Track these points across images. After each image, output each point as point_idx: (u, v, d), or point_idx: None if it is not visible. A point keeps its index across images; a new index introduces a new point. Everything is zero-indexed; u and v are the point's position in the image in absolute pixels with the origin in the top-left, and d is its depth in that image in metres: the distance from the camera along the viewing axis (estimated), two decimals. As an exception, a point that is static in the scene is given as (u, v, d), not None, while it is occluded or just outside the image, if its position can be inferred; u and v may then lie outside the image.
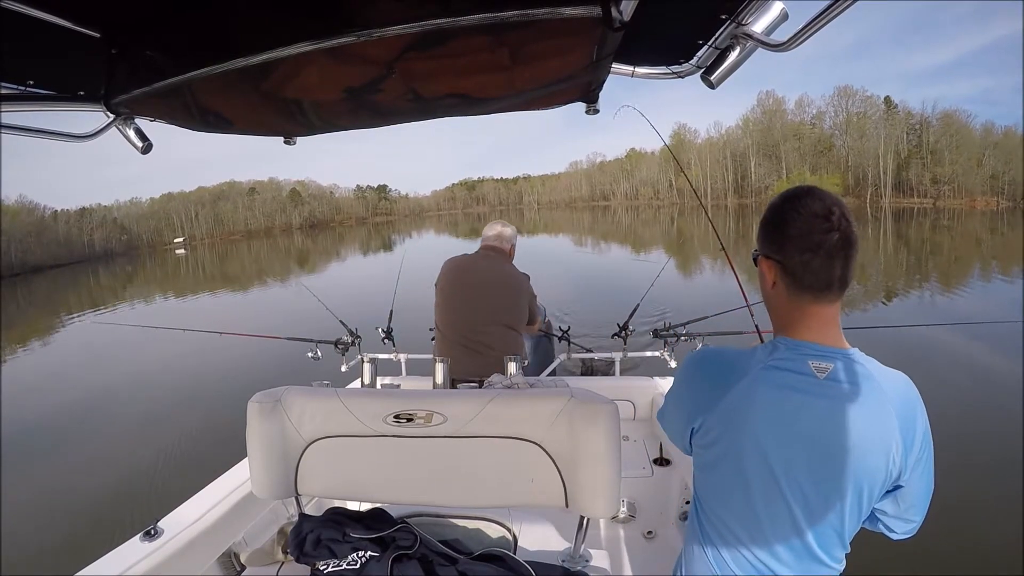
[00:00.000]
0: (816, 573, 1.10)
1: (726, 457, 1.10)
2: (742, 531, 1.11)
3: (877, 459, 1.03)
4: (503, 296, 2.83)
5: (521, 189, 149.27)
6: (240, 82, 1.04)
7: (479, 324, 2.77)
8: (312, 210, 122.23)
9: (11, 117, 1.11)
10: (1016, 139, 57.47)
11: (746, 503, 1.10)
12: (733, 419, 1.08)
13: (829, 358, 1.04)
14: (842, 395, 1.02)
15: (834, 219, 1.02)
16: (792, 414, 1.03)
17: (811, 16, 0.85)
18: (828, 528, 1.08)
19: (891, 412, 1.02)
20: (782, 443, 1.04)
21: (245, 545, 1.98)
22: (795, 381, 1.04)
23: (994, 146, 58.69)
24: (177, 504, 1.94)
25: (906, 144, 66.20)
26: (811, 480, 1.05)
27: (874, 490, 1.06)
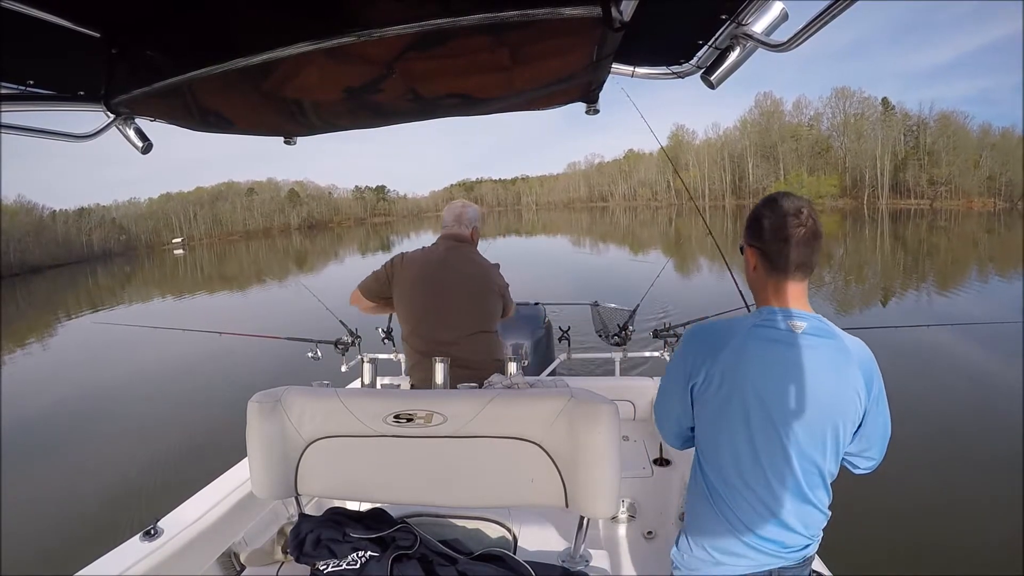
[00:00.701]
0: (806, 512, 1.30)
1: (730, 400, 1.28)
2: (744, 474, 1.29)
3: (848, 401, 1.26)
4: (473, 299, 2.52)
5: (519, 190, 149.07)
6: (240, 82, 1.04)
7: (451, 337, 2.46)
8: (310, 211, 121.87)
9: (11, 117, 1.11)
10: (1013, 140, 57.65)
11: (748, 443, 1.28)
12: (731, 370, 1.28)
13: (802, 319, 1.28)
14: (816, 345, 1.26)
15: (803, 216, 1.27)
16: (780, 362, 1.25)
17: (811, 16, 0.85)
18: (813, 466, 1.28)
19: (855, 362, 1.27)
20: (775, 387, 1.25)
21: (245, 545, 1.98)
22: (778, 335, 1.27)
23: (991, 147, 58.79)
24: (177, 504, 1.94)
25: (903, 145, 66.30)
26: (798, 415, 1.25)
27: (847, 429, 1.28)
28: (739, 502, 1.31)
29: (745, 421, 1.27)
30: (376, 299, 2.62)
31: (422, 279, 2.50)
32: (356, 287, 2.63)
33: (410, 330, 2.54)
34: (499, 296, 2.61)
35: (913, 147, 65.28)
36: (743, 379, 1.26)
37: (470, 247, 2.64)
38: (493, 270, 2.63)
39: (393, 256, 2.60)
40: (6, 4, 0.80)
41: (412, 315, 2.53)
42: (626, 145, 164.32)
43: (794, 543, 1.32)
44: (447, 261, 2.52)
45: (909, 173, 63.70)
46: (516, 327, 4.35)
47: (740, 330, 1.30)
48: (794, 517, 1.30)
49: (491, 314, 2.59)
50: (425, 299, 2.49)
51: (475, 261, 2.59)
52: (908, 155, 64.99)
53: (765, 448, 1.27)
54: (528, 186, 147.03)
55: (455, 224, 2.64)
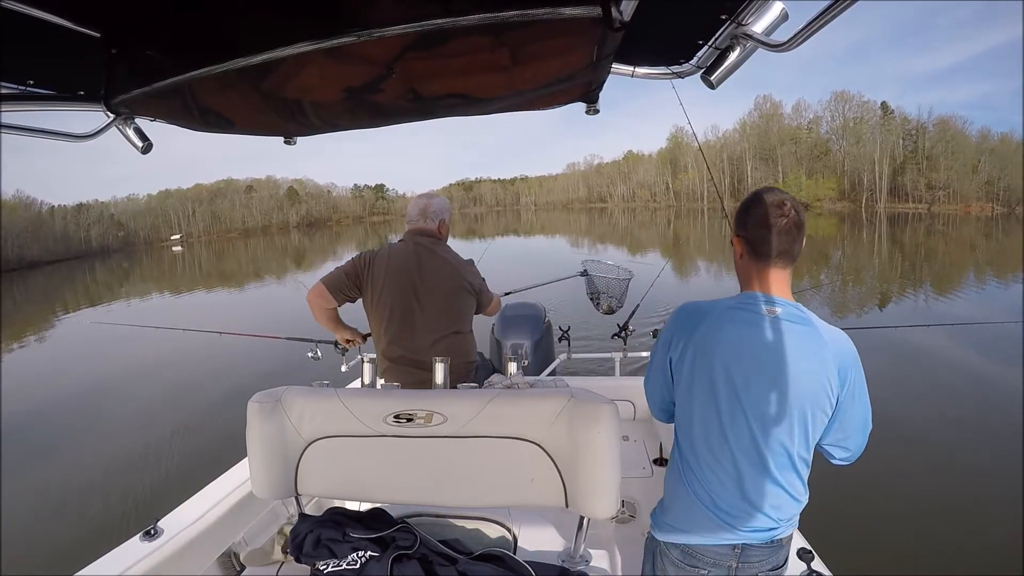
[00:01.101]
0: (774, 494, 1.33)
1: (699, 379, 1.35)
2: (712, 448, 1.35)
3: (816, 387, 1.30)
4: (446, 298, 2.41)
5: (518, 190, 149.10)
6: (240, 82, 1.04)
7: (426, 342, 2.36)
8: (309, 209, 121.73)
9: (11, 117, 1.11)
10: (1012, 145, 57.72)
11: (716, 418, 1.34)
12: (703, 347, 1.35)
13: (778, 304, 1.34)
14: (790, 331, 1.31)
15: (786, 208, 1.33)
16: (750, 342, 1.31)
17: (811, 16, 0.85)
18: (780, 448, 1.31)
19: (828, 352, 1.31)
20: (742, 364, 1.31)
21: (245, 545, 1.98)
22: (752, 318, 1.33)
23: (990, 152, 58.83)
24: (177, 504, 1.94)
25: (902, 149, 66.36)
26: (763, 395, 1.30)
27: (816, 415, 1.32)
28: (707, 475, 1.36)
29: (713, 396, 1.33)
30: (341, 298, 2.46)
31: (391, 281, 2.38)
32: (319, 281, 2.44)
33: (382, 335, 2.44)
34: (472, 293, 2.49)
35: (912, 151, 65.34)
36: (713, 356, 1.33)
37: (438, 242, 2.51)
38: (465, 266, 2.51)
39: (362, 253, 2.47)
40: (6, 4, 0.80)
41: (383, 319, 2.41)
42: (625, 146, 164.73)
43: (760, 523, 1.35)
44: (415, 260, 2.40)
45: (907, 177, 63.76)
46: (516, 327, 4.35)
47: (718, 309, 1.37)
48: (760, 496, 1.33)
49: (464, 313, 2.48)
50: (395, 302, 2.37)
51: (444, 258, 2.46)
52: (907, 159, 65.06)
53: (731, 424, 1.33)
54: (527, 186, 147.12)
55: (420, 218, 2.51)
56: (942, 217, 50.53)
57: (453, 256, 2.50)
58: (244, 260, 45.33)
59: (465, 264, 2.52)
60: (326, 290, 2.41)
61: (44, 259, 66.93)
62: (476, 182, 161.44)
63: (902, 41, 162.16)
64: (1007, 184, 55.23)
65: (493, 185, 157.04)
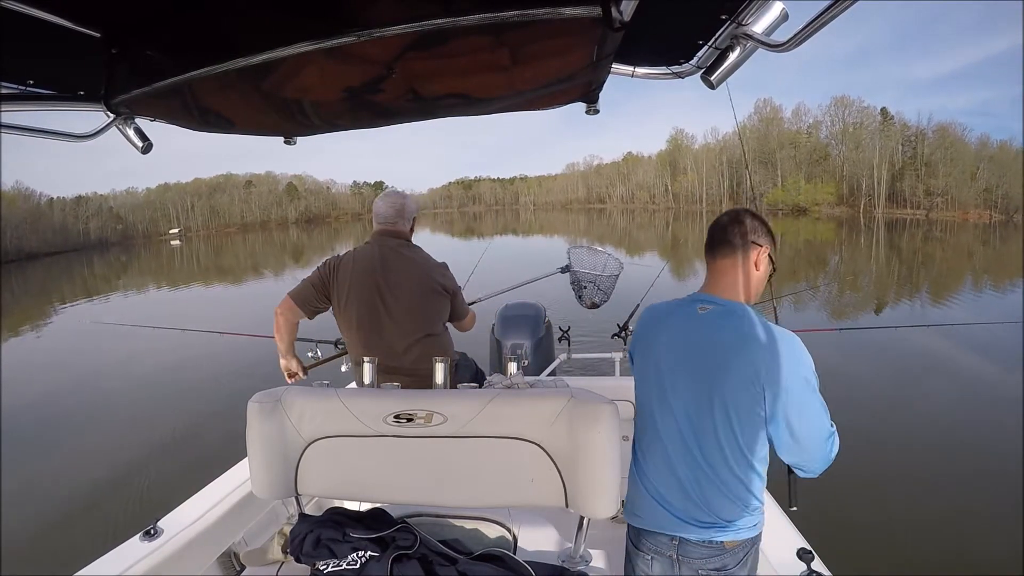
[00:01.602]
0: (707, 490, 1.35)
1: (643, 372, 1.48)
2: (650, 437, 1.43)
3: (737, 381, 1.31)
4: (416, 301, 2.30)
5: (517, 190, 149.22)
6: (240, 82, 1.04)
7: (399, 347, 2.27)
8: (308, 205, 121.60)
9: (11, 117, 1.11)
10: (1011, 152, 57.90)
11: (649, 411, 1.44)
12: (644, 342, 1.49)
13: (712, 303, 1.41)
14: (712, 326, 1.37)
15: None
16: (677, 334, 1.42)
17: (811, 16, 0.85)
18: (707, 435, 1.34)
19: (757, 351, 1.31)
20: (669, 354, 1.41)
21: (245, 545, 1.98)
22: (685, 315, 1.43)
23: (989, 159, 59.02)
24: (177, 504, 1.94)
25: (901, 155, 66.52)
26: (685, 383, 1.37)
27: (739, 408, 1.32)
28: (648, 462, 1.43)
29: (648, 395, 1.45)
30: (311, 310, 2.34)
31: (356, 285, 2.27)
32: (287, 294, 2.35)
33: (353, 342, 2.34)
34: (443, 295, 2.38)
35: (911, 157, 65.50)
36: (650, 351, 1.46)
37: (407, 244, 2.41)
38: (436, 267, 2.40)
39: (327, 260, 2.36)
40: (6, 4, 0.80)
41: (351, 325, 2.32)
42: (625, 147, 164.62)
43: (695, 516, 1.35)
44: (380, 261, 2.29)
45: (906, 183, 63.92)
46: (516, 327, 4.36)
47: (663, 309, 1.51)
48: (693, 487, 1.36)
49: (435, 316, 2.37)
50: (360, 307, 2.27)
51: (412, 258, 2.36)
52: (905, 165, 65.20)
53: (661, 415, 1.41)
54: (526, 186, 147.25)
55: (397, 218, 2.39)
56: (940, 223, 50.73)
57: (423, 257, 2.40)
58: (243, 255, 45.25)
59: (437, 265, 2.41)
60: (295, 304, 2.32)
61: (42, 251, 66.96)
62: (475, 181, 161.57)
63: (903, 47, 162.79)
64: (1005, 191, 55.41)
65: (492, 184, 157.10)
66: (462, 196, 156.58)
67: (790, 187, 71.17)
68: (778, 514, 1.93)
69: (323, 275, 2.32)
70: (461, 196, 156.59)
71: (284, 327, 2.39)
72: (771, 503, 1.97)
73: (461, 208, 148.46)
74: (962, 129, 63.94)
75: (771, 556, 1.66)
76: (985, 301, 13.42)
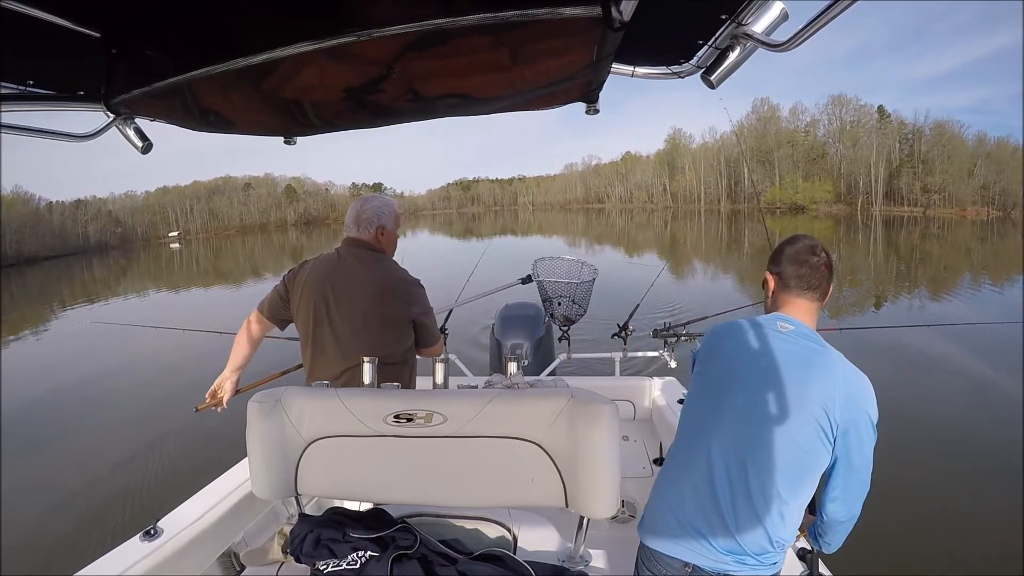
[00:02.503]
0: (746, 509, 1.31)
1: (700, 386, 1.48)
2: (692, 458, 1.39)
3: (808, 405, 1.29)
4: (367, 321, 2.04)
5: (516, 190, 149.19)
6: (240, 82, 1.04)
7: (335, 370, 2.04)
8: (307, 207, 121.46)
9: (11, 117, 1.11)
10: (1008, 149, 58.05)
11: (697, 425, 1.42)
12: (711, 355, 1.48)
13: (792, 324, 1.42)
14: (792, 346, 1.37)
15: (818, 250, 1.47)
16: (751, 345, 1.40)
17: (811, 16, 0.85)
18: (762, 457, 1.30)
19: (836, 381, 1.31)
20: (736, 362, 1.41)
21: (245, 545, 1.98)
22: (764, 330, 1.42)
23: (986, 156, 59.15)
24: (177, 504, 1.94)
25: (898, 153, 66.62)
26: (750, 402, 1.34)
27: (805, 432, 1.29)
28: (676, 481, 1.42)
29: (704, 394, 1.46)
30: (280, 321, 2.19)
31: (309, 294, 2.08)
32: (256, 306, 2.21)
33: (303, 357, 2.15)
34: (402, 322, 2.08)
35: (908, 155, 65.62)
36: (717, 356, 1.47)
37: (373, 254, 2.13)
38: (399, 288, 2.10)
39: (292, 267, 2.19)
40: (6, 4, 0.80)
41: (302, 340, 2.13)
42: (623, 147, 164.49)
43: (720, 544, 1.32)
44: (336, 273, 2.08)
45: (903, 180, 64.05)
46: (516, 327, 4.36)
47: (740, 323, 1.48)
48: (728, 512, 1.31)
49: (386, 343, 2.05)
50: (307, 320, 2.09)
51: (370, 274, 2.08)
52: (903, 163, 65.34)
53: (711, 427, 1.38)
54: (525, 186, 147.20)
55: (354, 226, 2.16)
56: (937, 221, 50.79)
57: (385, 273, 2.11)
58: (242, 257, 45.21)
59: (401, 285, 2.11)
60: (263, 316, 2.19)
61: (42, 254, 66.84)
62: (474, 182, 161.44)
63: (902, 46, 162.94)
64: (1003, 188, 55.54)
65: (491, 185, 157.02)
66: (461, 197, 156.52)
67: (787, 185, 71.23)
68: None
69: (286, 282, 2.15)
70: (460, 197, 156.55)
71: (241, 339, 2.24)
72: None
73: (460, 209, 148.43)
74: (959, 126, 64.21)
75: None
76: (983, 297, 13.43)
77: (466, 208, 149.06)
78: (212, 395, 2.26)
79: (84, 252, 74.53)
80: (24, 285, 35.65)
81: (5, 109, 1.09)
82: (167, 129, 1.33)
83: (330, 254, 2.13)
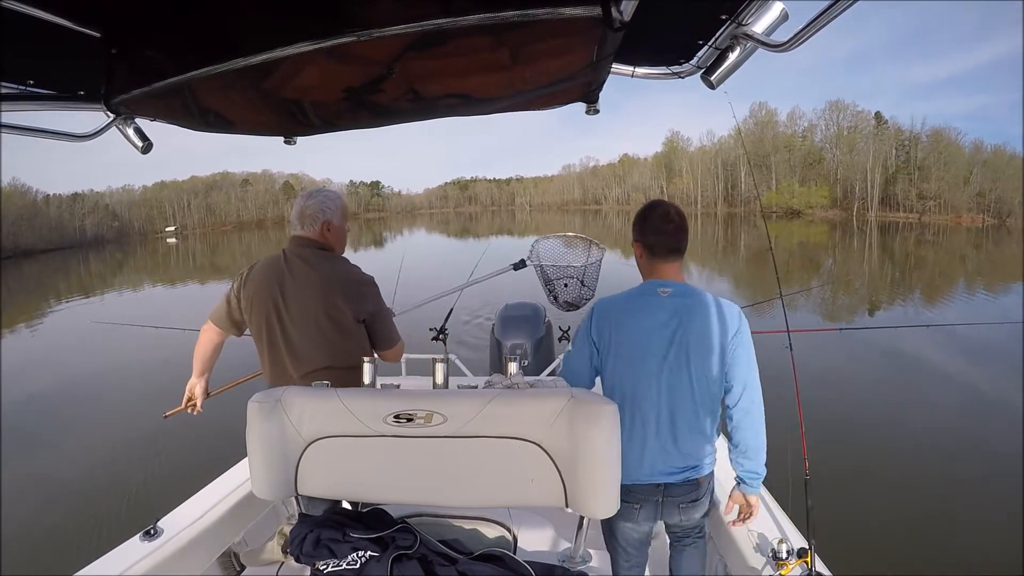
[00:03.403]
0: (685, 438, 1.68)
1: (616, 354, 1.72)
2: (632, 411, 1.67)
3: (710, 344, 1.66)
4: (311, 325, 1.94)
5: (513, 190, 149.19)
6: (240, 82, 1.04)
7: (297, 374, 1.95)
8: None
9: (11, 117, 1.12)
10: (1005, 156, 58.32)
11: (631, 386, 1.69)
12: (620, 326, 1.72)
13: (670, 286, 1.72)
14: (678, 303, 1.69)
15: (671, 215, 1.76)
16: (650, 313, 1.70)
17: (811, 17, 0.86)
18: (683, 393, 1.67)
19: (720, 319, 1.68)
20: (647, 330, 1.68)
21: (245, 545, 1.98)
22: (652, 298, 1.71)
23: (983, 163, 59.35)
24: (177, 504, 1.94)
25: (894, 159, 66.85)
26: (660, 354, 1.66)
27: (714, 364, 1.67)
28: (637, 424, 1.68)
29: (626, 363, 1.71)
30: (232, 328, 2.11)
31: (258, 299, 1.97)
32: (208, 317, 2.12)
33: (267, 368, 2.04)
34: (348, 323, 1.97)
35: (904, 161, 65.86)
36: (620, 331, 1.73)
37: (319, 253, 2.02)
38: (347, 286, 1.99)
39: (242, 270, 2.08)
40: (6, 4, 0.80)
41: (258, 349, 2.04)
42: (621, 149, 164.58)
43: (676, 464, 1.68)
44: (283, 274, 1.97)
45: (899, 186, 64.23)
46: (516, 327, 4.36)
47: (624, 298, 1.77)
48: (670, 440, 1.67)
49: (340, 347, 1.97)
50: (259, 329, 2.00)
51: (318, 274, 1.97)
52: (899, 169, 65.56)
53: (639, 384, 1.68)
54: (523, 186, 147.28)
55: (297, 223, 2.05)
56: (932, 227, 50.99)
57: (332, 271, 2.00)
58: (238, 253, 45.08)
59: (350, 285, 2.00)
60: (214, 325, 2.11)
61: (39, 247, 66.56)
62: (471, 181, 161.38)
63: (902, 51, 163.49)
64: (998, 196, 55.76)
65: (488, 185, 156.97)
66: (458, 196, 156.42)
67: (784, 190, 71.40)
68: (779, 513, 1.94)
69: (235, 289, 2.04)
70: (457, 196, 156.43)
71: (201, 345, 2.19)
72: (772, 503, 1.98)
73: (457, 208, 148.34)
74: (956, 134, 64.47)
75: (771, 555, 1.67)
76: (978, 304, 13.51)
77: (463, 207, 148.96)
78: (185, 401, 2.28)
79: (81, 245, 74.31)
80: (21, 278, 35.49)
81: (5, 109, 1.09)
82: (168, 126, 1.33)
83: (276, 256, 2.01)
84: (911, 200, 62.99)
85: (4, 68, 1.02)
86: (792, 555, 1.65)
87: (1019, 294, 14.73)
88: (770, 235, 3.34)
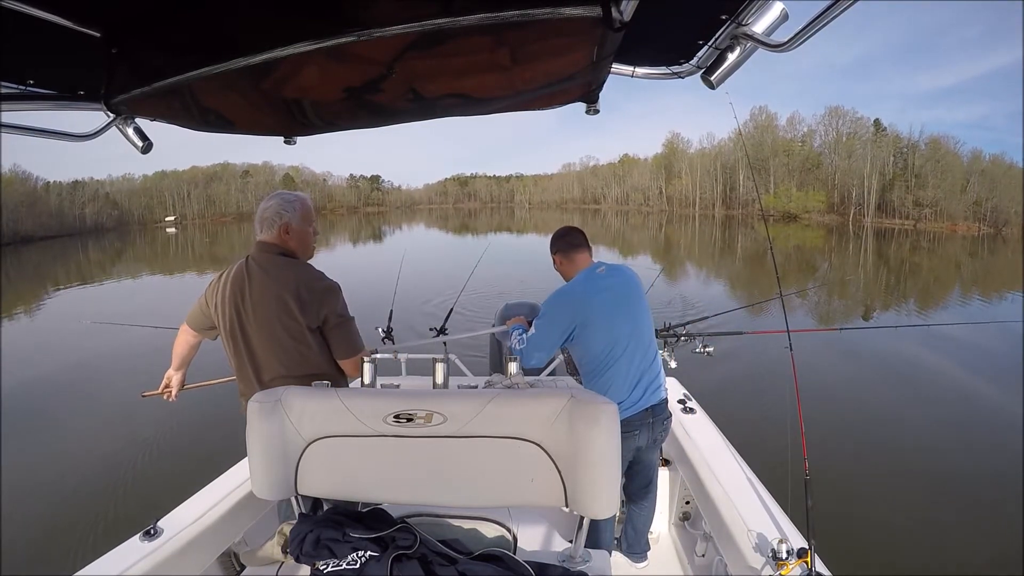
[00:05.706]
0: (655, 370, 2.31)
1: (595, 325, 2.21)
2: (614, 362, 2.20)
3: (644, 301, 2.37)
4: (274, 333, 1.90)
5: (513, 187, 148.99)
6: (240, 82, 1.05)
7: (264, 385, 1.91)
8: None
9: (11, 117, 1.12)
10: (1003, 166, 58.36)
11: (607, 347, 2.20)
12: (586, 303, 2.24)
13: (602, 266, 2.34)
14: (615, 277, 2.33)
15: (576, 232, 2.45)
16: (605, 290, 2.27)
17: (811, 17, 0.86)
18: (645, 338, 2.31)
19: (638, 278, 2.40)
20: (606, 304, 2.23)
21: (245, 545, 1.99)
22: (599, 280, 2.29)
23: (981, 173, 59.36)
24: (177, 504, 1.95)
25: (892, 166, 66.86)
26: (625, 314, 2.26)
27: (646, 313, 2.35)
28: (616, 373, 2.21)
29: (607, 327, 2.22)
30: (204, 331, 2.12)
31: (225, 308, 1.96)
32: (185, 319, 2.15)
33: (238, 375, 2.04)
34: (302, 331, 1.91)
35: (902, 168, 65.84)
36: (592, 304, 2.23)
37: (279, 259, 1.97)
38: (313, 295, 1.92)
39: (213, 278, 2.07)
40: (6, 4, 0.80)
41: (226, 353, 2.04)
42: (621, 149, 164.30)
43: (653, 390, 2.26)
44: (245, 282, 1.94)
45: (896, 193, 64.20)
46: None
47: (581, 282, 2.31)
48: (648, 374, 2.25)
49: (301, 356, 1.93)
50: (227, 339, 2.00)
51: (274, 284, 1.91)
52: (896, 176, 65.52)
53: (615, 342, 2.21)
54: (522, 184, 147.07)
55: (257, 227, 2.01)
56: (928, 234, 51.08)
57: (293, 278, 1.92)
58: (237, 244, 44.80)
59: (307, 293, 1.92)
60: (190, 329, 2.14)
61: (38, 234, 66.39)
62: (471, 178, 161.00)
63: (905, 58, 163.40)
64: (995, 205, 55.79)
65: (488, 181, 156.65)
66: (458, 192, 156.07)
67: (781, 194, 71.42)
68: (778, 514, 1.95)
69: (207, 293, 2.04)
70: (456, 192, 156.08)
71: (178, 344, 2.23)
72: (772, 503, 2.00)
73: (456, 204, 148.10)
74: (955, 142, 64.50)
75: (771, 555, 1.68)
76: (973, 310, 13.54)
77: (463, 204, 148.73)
78: (163, 387, 2.39)
79: (80, 233, 74.17)
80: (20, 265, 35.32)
81: (5, 109, 1.09)
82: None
83: (240, 264, 1.99)
84: (907, 207, 63.00)
85: (4, 68, 1.02)
86: (792, 555, 1.66)
87: (1014, 302, 14.78)
88: (770, 236, 3.35)
